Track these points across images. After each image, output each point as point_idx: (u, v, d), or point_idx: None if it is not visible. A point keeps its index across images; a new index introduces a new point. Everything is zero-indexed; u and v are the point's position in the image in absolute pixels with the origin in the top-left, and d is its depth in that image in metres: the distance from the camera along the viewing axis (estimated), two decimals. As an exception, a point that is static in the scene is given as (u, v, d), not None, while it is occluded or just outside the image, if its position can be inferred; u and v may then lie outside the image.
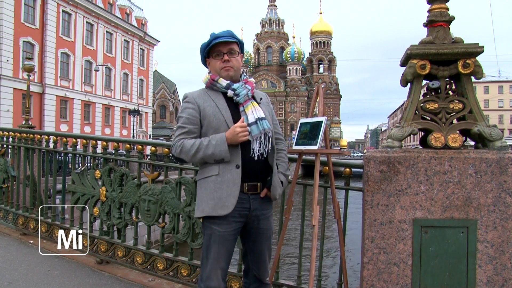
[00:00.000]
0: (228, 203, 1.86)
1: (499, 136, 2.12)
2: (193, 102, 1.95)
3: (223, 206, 1.86)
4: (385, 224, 2.13)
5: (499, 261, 2.05)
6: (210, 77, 1.98)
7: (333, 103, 77.58)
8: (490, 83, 63.77)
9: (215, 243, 1.90)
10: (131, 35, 36.64)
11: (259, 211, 1.98)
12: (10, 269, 3.21)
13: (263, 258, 2.07)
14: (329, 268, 10.15)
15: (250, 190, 1.94)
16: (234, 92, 1.93)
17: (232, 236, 1.94)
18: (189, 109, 1.94)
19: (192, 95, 1.98)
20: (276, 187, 1.98)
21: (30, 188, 4.18)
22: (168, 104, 64.76)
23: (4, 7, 23.44)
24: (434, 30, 2.24)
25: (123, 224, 3.30)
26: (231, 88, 1.94)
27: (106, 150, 3.63)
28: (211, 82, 1.98)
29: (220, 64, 1.95)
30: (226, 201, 1.86)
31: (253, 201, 1.95)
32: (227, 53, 1.94)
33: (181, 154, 1.90)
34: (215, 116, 1.91)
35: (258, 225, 2.00)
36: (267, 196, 1.99)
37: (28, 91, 8.83)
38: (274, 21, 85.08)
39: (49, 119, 27.33)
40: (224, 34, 1.95)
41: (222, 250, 1.91)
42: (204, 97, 1.96)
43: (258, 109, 1.95)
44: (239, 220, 1.93)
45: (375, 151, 2.20)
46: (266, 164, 1.98)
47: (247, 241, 2.07)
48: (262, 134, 1.90)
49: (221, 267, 1.92)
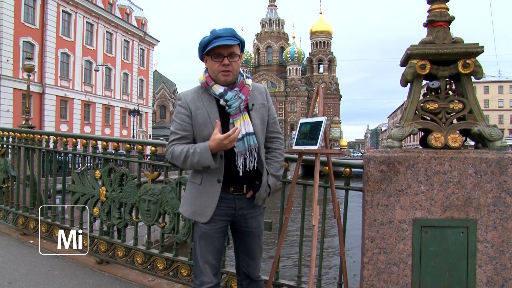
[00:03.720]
0: (205, 213, 1.91)
1: (499, 136, 2.12)
2: (186, 107, 1.90)
3: (202, 214, 1.92)
4: (385, 224, 2.13)
5: (499, 261, 2.05)
6: (205, 80, 1.91)
7: (333, 103, 77.57)
8: (490, 83, 63.77)
9: (202, 240, 1.95)
10: (131, 35, 36.65)
11: (245, 210, 1.98)
12: (10, 269, 3.21)
13: (253, 255, 2.07)
14: (329, 268, 10.15)
15: (235, 191, 1.95)
16: (226, 103, 1.87)
17: (218, 234, 1.96)
18: (182, 114, 1.91)
19: (185, 98, 1.93)
20: (261, 193, 1.96)
21: (30, 188, 4.18)
22: (168, 104, 64.76)
23: (4, 7, 23.44)
24: (434, 30, 2.24)
25: (123, 224, 3.30)
26: (224, 98, 1.87)
27: (106, 150, 3.63)
28: (204, 86, 1.92)
29: (219, 67, 1.84)
30: (204, 211, 1.91)
31: (238, 201, 1.96)
32: (227, 56, 1.82)
33: (173, 159, 1.91)
34: (205, 126, 1.88)
35: (246, 223, 2.01)
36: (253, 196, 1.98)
37: (28, 91, 8.84)
38: (274, 21, 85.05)
39: (49, 119, 27.34)
40: (226, 33, 1.82)
41: (209, 246, 1.94)
42: (197, 103, 1.91)
43: (248, 122, 1.89)
44: (225, 218, 1.96)
45: (375, 151, 2.20)
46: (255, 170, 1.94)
47: (236, 239, 2.09)
48: (248, 151, 1.88)
49: (210, 263, 1.94)
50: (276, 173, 2.04)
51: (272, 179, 2.00)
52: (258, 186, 1.97)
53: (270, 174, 2.00)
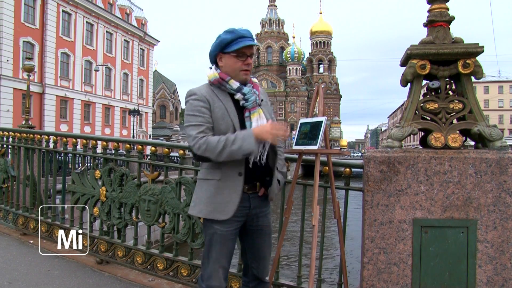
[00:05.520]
0: (227, 209, 1.86)
1: (499, 136, 2.12)
2: (204, 100, 1.85)
3: (222, 211, 1.86)
4: (385, 224, 2.13)
5: (499, 261, 2.05)
6: (219, 76, 1.88)
7: (333, 103, 77.56)
8: (490, 83, 63.78)
9: (217, 242, 1.90)
10: (131, 35, 36.65)
11: (258, 209, 1.99)
12: (10, 269, 3.21)
13: (263, 255, 2.06)
14: (329, 268, 10.15)
15: (250, 190, 1.94)
16: (244, 96, 1.88)
17: (233, 235, 1.94)
18: (201, 107, 1.84)
19: (201, 92, 1.87)
20: (274, 189, 1.99)
21: (30, 188, 4.18)
22: (168, 104, 64.79)
23: (4, 7, 23.44)
24: (434, 30, 2.24)
25: (123, 224, 3.30)
26: (242, 92, 1.88)
27: (106, 150, 3.63)
28: (220, 82, 1.88)
29: (241, 66, 1.87)
30: (225, 206, 1.86)
31: (252, 200, 1.95)
32: (250, 56, 1.88)
33: (206, 152, 1.78)
34: (223, 120, 1.85)
35: (257, 222, 2.00)
36: (265, 194, 2.00)
37: (28, 91, 8.84)
38: (274, 21, 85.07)
39: (49, 119, 27.34)
40: (248, 34, 1.87)
41: (224, 249, 1.91)
42: (212, 96, 1.88)
43: (262, 117, 1.92)
44: (240, 219, 1.93)
45: (375, 151, 2.20)
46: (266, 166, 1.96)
47: (247, 239, 2.06)
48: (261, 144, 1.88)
49: (223, 266, 1.92)
50: (282, 170, 2.08)
51: (280, 175, 2.04)
52: (269, 182, 1.98)
53: (277, 171, 2.02)
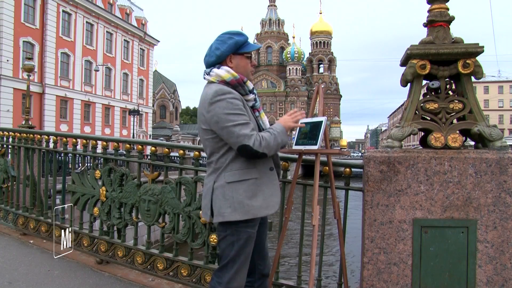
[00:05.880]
0: (273, 202, 1.91)
1: (499, 136, 2.12)
2: (240, 98, 1.84)
3: (269, 206, 1.89)
4: (385, 224, 2.13)
5: (499, 261, 2.05)
6: (239, 76, 1.88)
7: (333, 103, 77.58)
8: (490, 83, 63.78)
9: (249, 245, 1.90)
10: (131, 35, 36.65)
11: None
12: (10, 269, 3.21)
13: (266, 251, 2.12)
14: (329, 268, 10.15)
15: None
16: (255, 97, 1.98)
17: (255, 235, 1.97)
18: (241, 105, 1.82)
19: (234, 91, 1.85)
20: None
21: (30, 188, 4.18)
22: (168, 104, 64.76)
23: (4, 7, 23.43)
24: (434, 30, 2.24)
25: (123, 224, 3.30)
26: (254, 92, 1.97)
27: (106, 150, 3.63)
28: (239, 82, 1.87)
29: (250, 67, 2.00)
30: (270, 201, 1.90)
31: None
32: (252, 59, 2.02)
33: (267, 148, 1.79)
34: (251, 119, 1.88)
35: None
36: None
37: (28, 91, 8.83)
38: (274, 21, 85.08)
39: (49, 119, 27.34)
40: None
41: (251, 250, 1.94)
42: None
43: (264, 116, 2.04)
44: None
45: (375, 151, 2.20)
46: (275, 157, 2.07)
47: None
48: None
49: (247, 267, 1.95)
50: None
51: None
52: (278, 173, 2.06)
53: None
